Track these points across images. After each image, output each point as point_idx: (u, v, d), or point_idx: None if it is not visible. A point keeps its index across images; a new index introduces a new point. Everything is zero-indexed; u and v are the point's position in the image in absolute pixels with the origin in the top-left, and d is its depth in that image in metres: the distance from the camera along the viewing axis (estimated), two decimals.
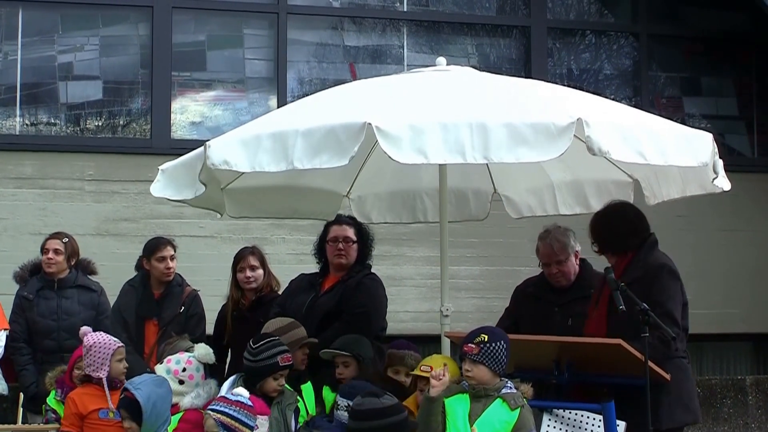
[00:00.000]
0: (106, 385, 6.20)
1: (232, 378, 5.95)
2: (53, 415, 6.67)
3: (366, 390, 5.62)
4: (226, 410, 5.52)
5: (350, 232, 7.16)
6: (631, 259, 6.06)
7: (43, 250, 7.99)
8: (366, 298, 6.94)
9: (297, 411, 6.00)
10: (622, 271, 6.01)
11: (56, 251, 7.96)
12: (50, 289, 7.98)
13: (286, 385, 6.04)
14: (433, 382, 5.60)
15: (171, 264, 7.84)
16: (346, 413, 5.78)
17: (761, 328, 11.31)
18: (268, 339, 5.99)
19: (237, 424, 5.48)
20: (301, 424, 6.01)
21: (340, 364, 6.39)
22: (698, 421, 6.41)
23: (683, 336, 6.00)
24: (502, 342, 5.56)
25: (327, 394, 6.34)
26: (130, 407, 5.82)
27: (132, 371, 6.59)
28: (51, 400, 6.76)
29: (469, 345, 5.56)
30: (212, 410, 5.55)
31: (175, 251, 7.90)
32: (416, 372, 5.98)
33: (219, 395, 5.73)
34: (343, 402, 5.92)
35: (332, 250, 7.14)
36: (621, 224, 6.16)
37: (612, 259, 6.15)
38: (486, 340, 5.53)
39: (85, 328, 6.56)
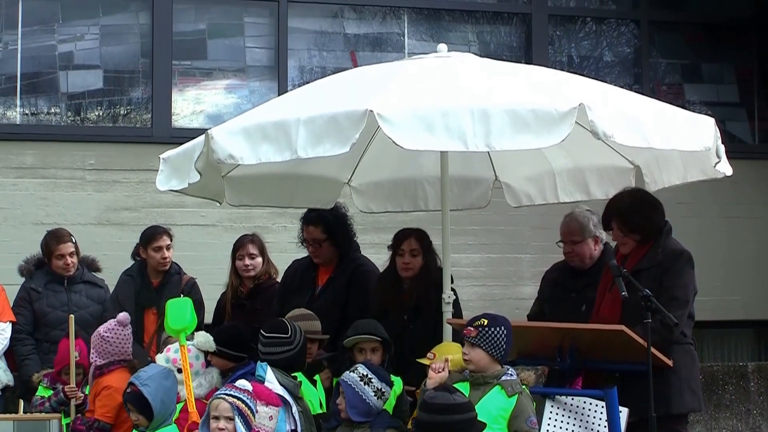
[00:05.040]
0: None
1: (262, 366, 5.87)
2: (40, 400, 6.81)
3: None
4: (242, 396, 5.49)
5: (316, 233, 7.17)
6: (651, 245, 6.07)
7: (53, 254, 7.92)
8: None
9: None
10: (642, 256, 6.04)
11: (71, 254, 7.94)
12: (58, 283, 7.97)
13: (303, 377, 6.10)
14: (431, 374, 5.60)
15: (167, 254, 7.85)
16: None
17: (762, 315, 11.30)
18: (284, 323, 6.08)
19: (249, 412, 5.46)
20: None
21: (367, 351, 6.14)
22: (702, 409, 6.45)
23: (690, 323, 6.04)
24: (502, 328, 5.56)
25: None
26: (137, 401, 5.83)
27: None
28: (41, 391, 6.82)
29: (469, 328, 5.59)
30: (226, 395, 5.50)
31: (171, 240, 7.90)
32: (422, 360, 5.93)
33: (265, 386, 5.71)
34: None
35: (309, 250, 7.24)
36: (657, 211, 6.15)
37: (631, 244, 6.13)
38: (485, 324, 5.55)
39: (124, 315, 6.66)
